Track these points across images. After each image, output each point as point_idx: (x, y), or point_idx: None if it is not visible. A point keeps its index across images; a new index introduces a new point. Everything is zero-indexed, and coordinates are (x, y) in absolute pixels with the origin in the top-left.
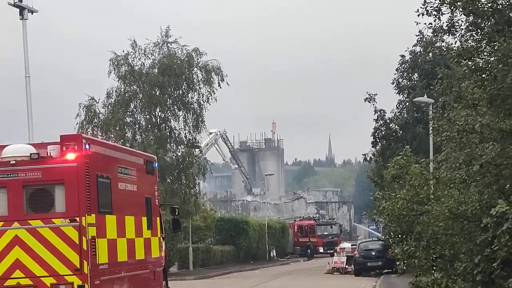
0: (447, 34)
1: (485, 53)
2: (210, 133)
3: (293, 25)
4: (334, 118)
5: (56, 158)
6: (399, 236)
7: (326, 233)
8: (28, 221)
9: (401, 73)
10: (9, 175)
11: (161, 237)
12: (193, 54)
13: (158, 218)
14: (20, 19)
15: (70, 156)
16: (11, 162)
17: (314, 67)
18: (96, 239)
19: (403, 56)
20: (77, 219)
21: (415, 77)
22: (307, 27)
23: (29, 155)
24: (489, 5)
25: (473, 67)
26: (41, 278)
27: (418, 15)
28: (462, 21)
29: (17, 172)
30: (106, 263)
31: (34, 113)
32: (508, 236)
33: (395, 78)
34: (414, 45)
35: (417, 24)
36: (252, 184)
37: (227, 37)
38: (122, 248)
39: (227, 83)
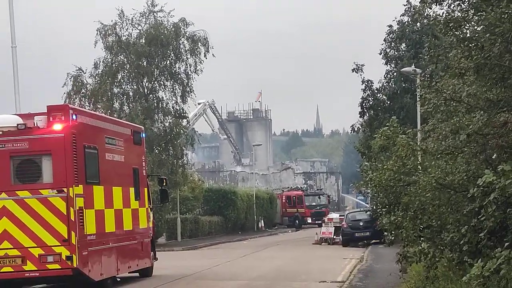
0: (435, 3)
1: (472, 23)
2: (199, 104)
3: None
4: (322, 88)
5: (43, 128)
6: (386, 207)
7: (314, 203)
8: (16, 191)
9: (389, 43)
10: None
11: (148, 208)
12: (180, 24)
13: (145, 189)
14: None
15: (57, 126)
16: None
17: (302, 34)
18: (84, 209)
19: (390, 26)
20: (65, 189)
21: (402, 47)
22: None
23: (16, 125)
24: None
25: (460, 36)
26: (29, 249)
27: None
28: None
29: (4, 142)
30: (93, 234)
31: (20, 83)
32: (495, 206)
33: (382, 49)
34: (401, 15)
35: None
36: (241, 154)
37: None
38: (110, 219)
39: (213, 54)
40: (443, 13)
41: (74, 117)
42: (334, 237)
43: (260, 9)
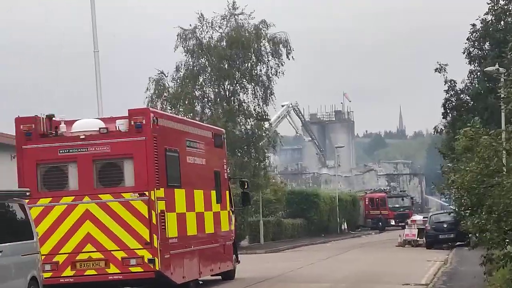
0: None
1: None
2: (282, 106)
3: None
4: (405, 88)
5: (124, 132)
6: (469, 209)
7: (397, 205)
8: (99, 195)
9: (472, 43)
10: (79, 150)
11: (230, 211)
12: (260, 26)
13: (227, 192)
14: None
15: (139, 130)
16: (81, 137)
17: (382, 37)
18: (165, 213)
19: (474, 25)
20: (146, 193)
21: (486, 46)
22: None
23: (98, 129)
24: None
25: None
26: (112, 252)
27: None
28: None
29: (86, 146)
30: (175, 237)
31: (103, 87)
32: None
33: (466, 48)
34: (485, 14)
35: None
36: (325, 156)
37: (295, 11)
38: (191, 222)
39: (292, 57)
40: None
41: (155, 120)
42: (418, 239)
43: (343, 9)
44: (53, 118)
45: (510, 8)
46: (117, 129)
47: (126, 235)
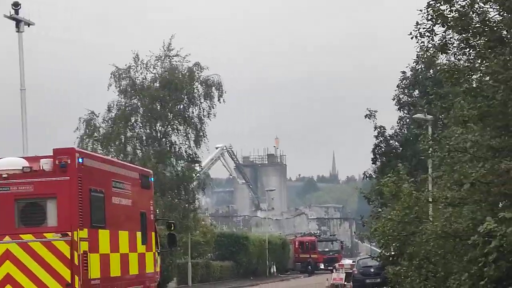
0: (440, 52)
1: (478, 73)
2: (216, 148)
3: (292, 35)
4: (339, 134)
5: (48, 171)
6: (391, 257)
7: (327, 249)
8: (20, 235)
9: (402, 89)
10: (1, 189)
11: (156, 252)
12: (194, 68)
13: (153, 233)
14: (16, 32)
15: (63, 169)
16: (3, 176)
17: (314, 79)
18: (88, 253)
19: (404, 72)
20: (69, 233)
21: (415, 93)
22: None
23: (21, 168)
24: (480, 23)
25: (466, 86)
26: None
27: (412, 38)
28: (454, 39)
29: (9, 185)
30: (98, 278)
31: (30, 126)
32: (496, 254)
33: (396, 95)
34: (415, 62)
35: (417, 41)
36: (260, 199)
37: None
38: (115, 263)
39: (223, 100)
40: (449, 62)
41: (80, 160)
42: (345, 283)
43: (274, 58)
44: None
45: (438, 58)
46: (41, 168)
47: (47, 276)
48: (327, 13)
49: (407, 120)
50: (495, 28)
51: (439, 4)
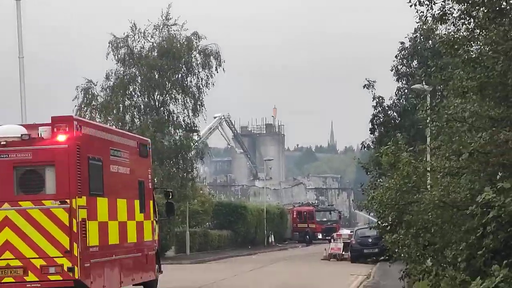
0: (439, 22)
1: (478, 43)
2: (214, 117)
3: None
4: (337, 104)
5: (47, 139)
6: (389, 225)
7: (325, 219)
8: (18, 202)
9: (400, 60)
10: None
11: (154, 221)
12: (192, 37)
13: (151, 202)
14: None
15: (61, 137)
16: (2, 143)
17: (316, 57)
18: (87, 221)
19: (402, 43)
20: (68, 201)
21: (414, 64)
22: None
23: (19, 136)
24: None
25: (465, 57)
26: (30, 259)
27: (411, 6)
28: (454, 9)
29: (7, 153)
30: (96, 246)
31: (29, 95)
32: (495, 224)
33: (394, 65)
34: (414, 32)
35: (416, 11)
36: (258, 169)
37: (227, 30)
38: (114, 231)
39: (223, 69)
40: (448, 33)
41: (78, 128)
42: (343, 253)
43: (271, 24)
44: None
45: (438, 28)
46: (40, 136)
47: (45, 243)
48: None
49: (406, 90)
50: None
51: None
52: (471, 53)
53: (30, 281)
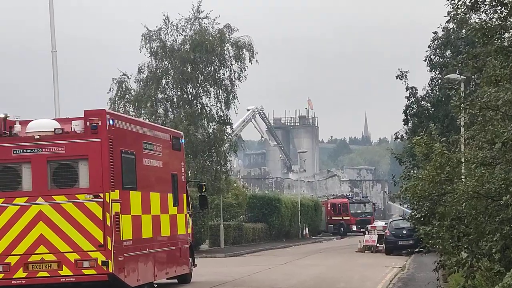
0: (471, 10)
1: (510, 31)
2: (248, 110)
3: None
4: (372, 95)
5: (80, 133)
6: (422, 217)
7: (359, 211)
8: (52, 196)
9: (434, 50)
10: (33, 150)
11: (187, 214)
12: (224, 30)
13: (184, 195)
14: None
15: (94, 131)
16: (35, 137)
17: (349, 48)
18: (120, 215)
19: (436, 33)
20: (101, 195)
21: (447, 54)
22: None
23: (53, 130)
24: None
25: (498, 45)
26: (65, 253)
27: None
28: None
29: (41, 147)
30: (130, 240)
31: (62, 87)
32: None
33: (427, 55)
34: (447, 22)
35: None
36: (291, 161)
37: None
38: (147, 225)
39: (256, 61)
40: (480, 21)
41: (111, 122)
42: (378, 245)
43: (309, 14)
44: (8, 118)
45: (470, 16)
46: (73, 130)
47: (79, 237)
48: None
49: (439, 81)
50: None
51: None
52: (504, 41)
53: (65, 275)
